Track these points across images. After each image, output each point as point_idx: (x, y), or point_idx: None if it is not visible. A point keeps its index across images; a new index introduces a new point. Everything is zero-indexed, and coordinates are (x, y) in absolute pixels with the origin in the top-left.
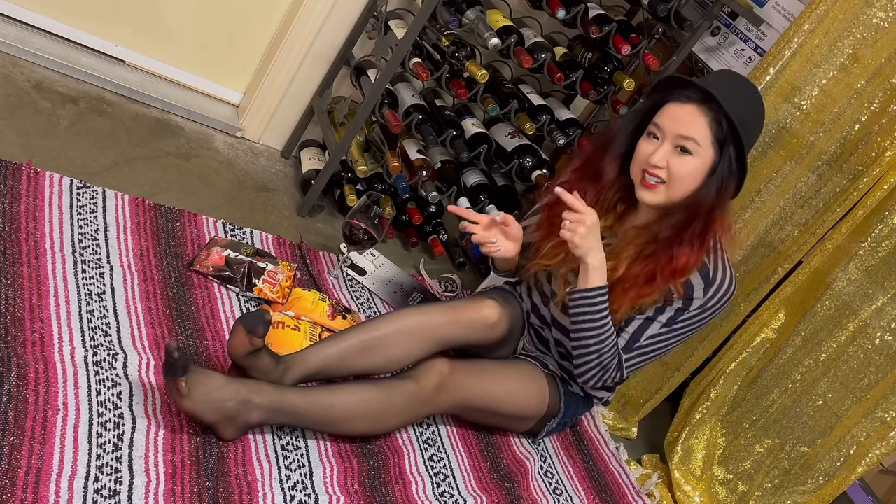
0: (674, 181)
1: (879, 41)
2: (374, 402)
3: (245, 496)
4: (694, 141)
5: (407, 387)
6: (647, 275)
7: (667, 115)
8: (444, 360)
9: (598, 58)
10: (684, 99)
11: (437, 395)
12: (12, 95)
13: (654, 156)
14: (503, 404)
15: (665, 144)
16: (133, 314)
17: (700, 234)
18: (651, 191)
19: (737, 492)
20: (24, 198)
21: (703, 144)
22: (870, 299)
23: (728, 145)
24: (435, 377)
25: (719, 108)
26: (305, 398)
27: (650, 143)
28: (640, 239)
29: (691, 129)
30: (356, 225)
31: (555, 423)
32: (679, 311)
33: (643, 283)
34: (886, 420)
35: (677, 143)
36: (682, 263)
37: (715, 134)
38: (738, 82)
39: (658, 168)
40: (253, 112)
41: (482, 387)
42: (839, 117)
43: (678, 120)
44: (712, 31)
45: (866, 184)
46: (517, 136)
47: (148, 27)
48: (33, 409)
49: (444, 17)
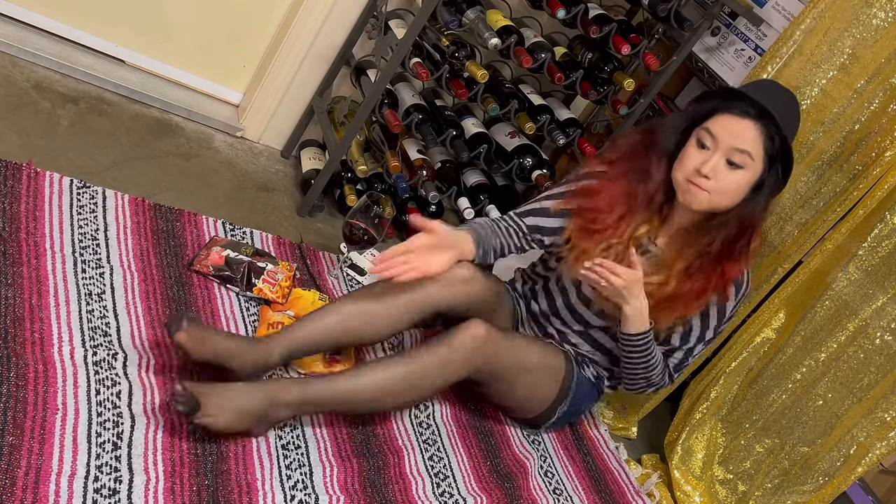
0: (720, 192)
1: (879, 41)
2: (401, 377)
3: (245, 495)
4: (748, 155)
5: (439, 352)
6: (698, 290)
7: (722, 127)
8: (479, 322)
9: (598, 58)
10: (741, 113)
11: (472, 357)
12: (12, 95)
13: (706, 166)
14: (527, 375)
15: (717, 155)
16: (133, 314)
17: (747, 245)
18: (696, 196)
19: (737, 492)
20: (24, 198)
21: (756, 159)
22: (870, 299)
23: (777, 162)
24: (469, 340)
25: (775, 126)
26: (330, 387)
27: (700, 152)
28: (687, 253)
29: (747, 143)
30: (356, 225)
31: (564, 407)
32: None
33: (693, 297)
34: (886, 420)
35: (730, 156)
36: (731, 278)
37: (766, 150)
38: (786, 96)
39: (707, 179)
40: (253, 112)
41: (512, 354)
42: (839, 117)
43: (735, 133)
44: (712, 31)
45: (866, 184)
46: (517, 136)
47: (148, 27)
48: (32, 409)
49: (444, 17)
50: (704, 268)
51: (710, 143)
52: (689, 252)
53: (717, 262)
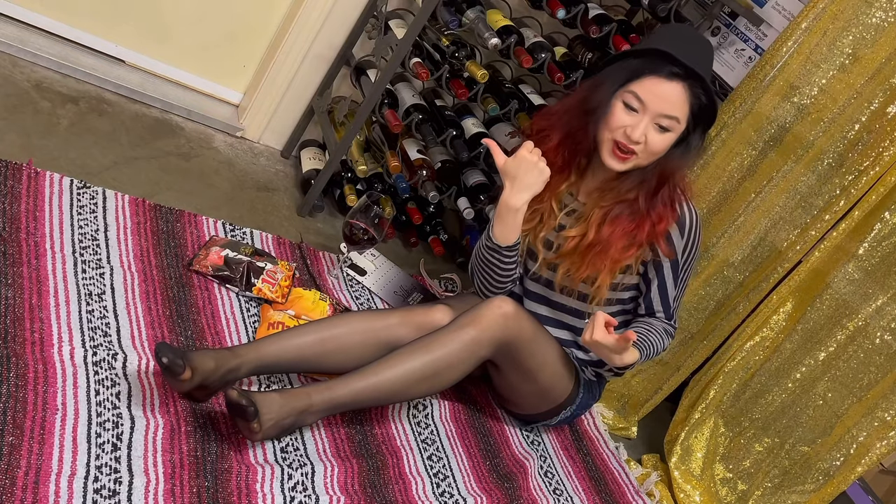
0: (646, 154)
1: (879, 41)
2: (422, 365)
3: (245, 497)
4: (676, 120)
5: (465, 334)
6: (626, 237)
7: (649, 90)
8: (507, 300)
9: (598, 58)
10: (668, 75)
11: (500, 334)
12: (12, 95)
13: (635, 131)
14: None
15: (645, 119)
16: (133, 314)
17: (670, 195)
18: (622, 161)
19: (736, 491)
20: (24, 198)
21: (682, 122)
22: (870, 299)
23: (702, 120)
24: (500, 318)
25: (701, 86)
26: (351, 387)
27: (628, 115)
28: (604, 201)
29: (676, 108)
30: (356, 225)
31: (568, 412)
32: (675, 263)
33: (622, 246)
34: (886, 420)
35: (658, 121)
36: (661, 228)
37: (692, 109)
38: (700, 42)
39: (637, 143)
40: (253, 112)
41: (537, 339)
42: (839, 117)
43: (663, 97)
44: (712, 30)
45: (866, 183)
46: (517, 136)
47: (148, 27)
48: (32, 409)
49: (444, 17)
50: (627, 215)
51: (637, 106)
52: (607, 199)
53: (646, 215)
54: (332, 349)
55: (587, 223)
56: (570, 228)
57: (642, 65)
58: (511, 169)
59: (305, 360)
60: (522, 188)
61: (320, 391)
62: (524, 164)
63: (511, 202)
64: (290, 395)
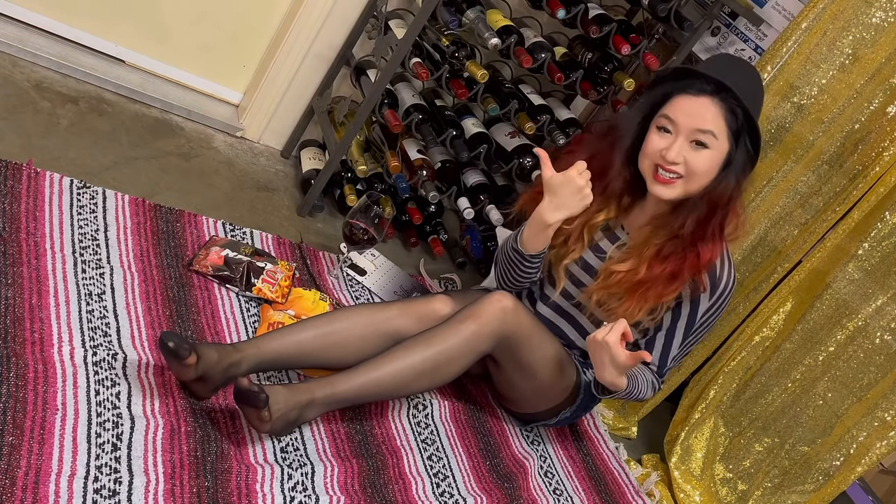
0: (692, 176)
1: (879, 41)
2: (422, 360)
3: (245, 497)
4: (711, 134)
5: (465, 328)
6: (671, 274)
7: (679, 109)
8: (507, 295)
9: (598, 58)
10: (696, 91)
11: (500, 328)
12: (12, 95)
13: (670, 152)
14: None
15: (679, 139)
16: (133, 314)
17: (720, 225)
18: (668, 186)
19: (736, 491)
20: (24, 198)
21: (720, 137)
22: (869, 299)
23: (744, 135)
24: (499, 312)
25: (734, 99)
26: (352, 382)
27: (662, 138)
28: (657, 238)
29: (707, 122)
30: (356, 225)
31: (567, 413)
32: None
33: (665, 281)
34: (886, 419)
35: (693, 138)
36: (706, 259)
37: (730, 125)
38: (742, 66)
39: (675, 164)
40: (253, 112)
41: (537, 334)
42: (839, 117)
43: (693, 114)
44: (712, 31)
45: (866, 183)
46: (517, 136)
47: (148, 27)
48: (32, 409)
49: (444, 17)
50: (677, 251)
51: (671, 127)
52: (660, 236)
53: (691, 244)
54: (332, 344)
55: (639, 259)
56: (618, 263)
57: (671, 87)
58: (555, 185)
59: (306, 355)
60: (560, 206)
61: (322, 386)
62: (570, 184)
63: (545, 217)
64: (293, 388)
